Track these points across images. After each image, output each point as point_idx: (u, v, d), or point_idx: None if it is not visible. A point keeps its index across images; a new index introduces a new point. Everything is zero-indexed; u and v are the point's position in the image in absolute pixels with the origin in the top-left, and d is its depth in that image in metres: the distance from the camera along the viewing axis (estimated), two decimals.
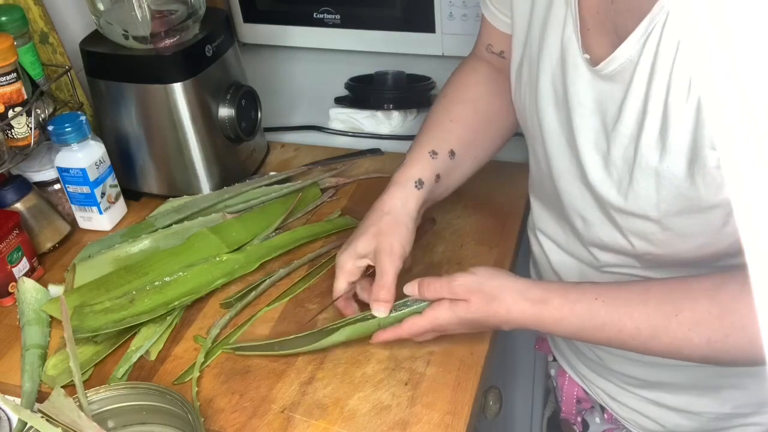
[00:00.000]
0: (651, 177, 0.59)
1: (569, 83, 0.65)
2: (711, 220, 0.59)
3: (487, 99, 0.83)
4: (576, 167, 0.68)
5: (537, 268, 0.85)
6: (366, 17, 1.17)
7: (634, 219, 0.63)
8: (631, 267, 0.70)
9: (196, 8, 0.93)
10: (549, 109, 0.69)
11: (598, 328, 0.62)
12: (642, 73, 0.57)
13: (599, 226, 0.68)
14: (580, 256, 0.75)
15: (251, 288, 0.84)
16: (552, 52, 0.67)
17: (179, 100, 0.93)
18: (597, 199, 0.66)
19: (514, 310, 0.65)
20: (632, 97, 0.59)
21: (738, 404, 0.73)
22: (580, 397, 0.89)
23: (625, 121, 0.60)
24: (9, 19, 0.89)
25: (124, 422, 0.71)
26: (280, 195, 0.98)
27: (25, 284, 0.85)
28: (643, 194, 0.60)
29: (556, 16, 0.66)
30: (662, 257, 0.65)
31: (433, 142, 0.79)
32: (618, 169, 0.62)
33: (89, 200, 0.94)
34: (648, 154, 0.59)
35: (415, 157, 0.78)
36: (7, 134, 0.88)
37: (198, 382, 0.75)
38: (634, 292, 0.63)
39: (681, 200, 0.59)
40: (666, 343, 0.60)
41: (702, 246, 0.62)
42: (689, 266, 0.66)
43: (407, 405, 0.70)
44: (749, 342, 0.57)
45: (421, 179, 0.77)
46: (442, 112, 0.82)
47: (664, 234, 0.62)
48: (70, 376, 0.76)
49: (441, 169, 0.79)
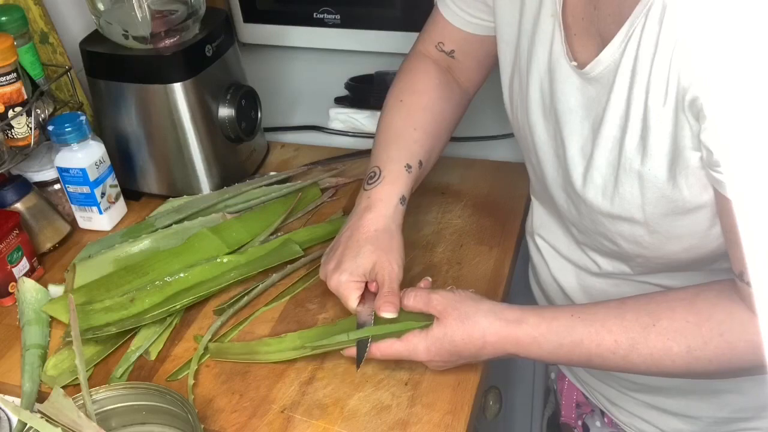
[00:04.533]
0: (635, 180, 0.60)
1: (559, 92, 0.65)
2: (697, 221, 0.59)
3: (441, 105, 0.83)
4: (563, 175, 0.68)
5: (536, 275, 0.84)
6: (366, 17, 1.17)
7: (621, 223, 0.63)
8: (625, 276, 0.70)
9: (196, 8, 0.93)
10: (539, 120, 0.70)
11: (576, 344, 0.62)
12: (623, 76, 0.58)
13: (590, 232, 0.68)
14: (578, 262, 0.75)
15: (244, 294, 0.84)
16: (540, 63, 0.67)
17: (179, 100, 0.93)
18: (585, 204, 0.66)
19: (488, 332, 0.64)
20: (615, 100, 0.59)
21: (737, 408, 0.73)
22: (579, 401, 0.89)
23: (608, 124, 0.61)
24: (9, 19, 0.89)
25: (124, 422, 0.71)
26: (280, 195, 0.98)
27: (25, 284, 0.85)
28: (628, 197, 0.61)
29: (543, 29, 0.66)
30: (653, 260, 0.65)
31: (405, 155, 0.79)
32: (603, 173, 0.63)
33: (89, 200, 0.94)
34: (631, 156, 0.59)
35: (394, 172, 0.77)
36: (7, 134, 0.88)
37: (198, 382, 0.75)
38: (610, 307, 0.62)
39: (665, 202, 0.59)
40: (646, 355, 0.60)
41: (690, 248, 0.62)
42: (682, 269, 0.66)
43: (407, 405, 0.70)
44: (729, 347, 0.57)
45: (404, 196, 0.77)
46: (406, 120, 0.82)
47: (652, 237, 0.62)
48: (70, 376, 0.76)
49: (414, 181, 0.79)
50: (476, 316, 0.65)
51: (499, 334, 0.64)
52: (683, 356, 0.59)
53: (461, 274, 0.85)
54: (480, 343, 0.65)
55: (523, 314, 0.65)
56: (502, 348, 0.65)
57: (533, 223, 0.82)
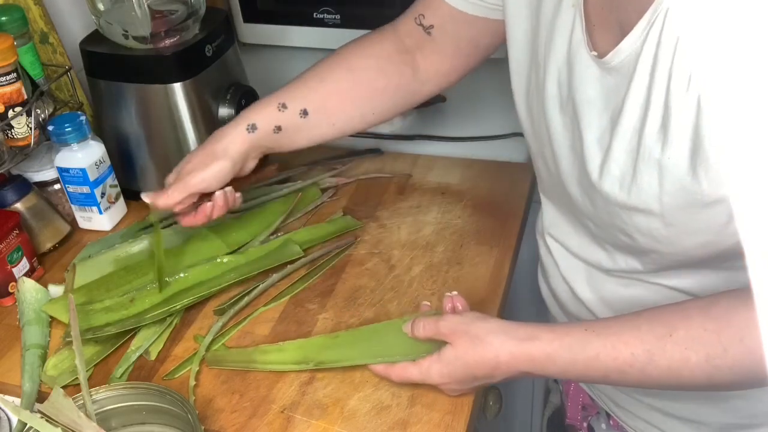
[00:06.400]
0: (654, 169, 0.59)
1: (577, 82, 0.65)
2: (714, 216, 0.58)
3: (373, 74, 0.82)
4: (578, 167, 0.68)
5: (546, 275, 0.83)
6: (366, 17, 1.17)
7: (637, 215, 0.62)
8: (637, 274, 0.70)
9: (196, 8, 0.93)
10: (555, 113, 0.69)
11: (591, 359, 0.61)
12: (644, 64, 0.57)
13: (607, 225, 0.68)
14: (589, 258, 0.74)
15: (244, 294, 0.84)
16: (559, 54, 0.66)
17: (179, 100, 0.93)
18: (601, 196, 0.65)
19: (501, 352, 0.63)
20: (635, 89, 0.59)
21: (745, 414, 0.72)
22: (585, 403, 0.88)
23: (628, 113, 0.60)
24: (9, 19, 0.89)
25: (124, 422, 0.71)
26: (280, 195, 0.98)
27: (25, 284, 0.85)
28: (646, 188, 0.60)
29: (564, 20, 0.65)
30: (668, 256, 0.64)
31: (288, 95, 0.81)
32: (620, 164, 0.62)
33: (89, 200, 0.94)
34: (651, 145, 0.58)
35: (263, 103, 0.81)
36: (7, 134, 0.88)
37: (198, 382, 0.75)
38: (624, 319, 0.61)
39: (683, 194, 0.58)
40: (664, 367, 0.58)
41: (706, 244, 0.61)
42: (695, 267, 0.65)
43: (407, 405, 0.70)
44: (749, 353, 0.56)
45: (254, 125, 0.79)
46: (317, 71, 0.82)
47: (668, 230, 0.61)
48: (70, 376, 0.76)
49: (284, 123, 0.80)
50: (487, 336, 0.64)
51: (512, 353, 0.63)
52: (702, 366, 0.57)
53: (461, 274, 0.85)
54: (493, 363, 0.64)
55: (535, 331, 0.63)
56: (515, 367, 0.64)
57: (543, 222, 0.81)
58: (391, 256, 0.88)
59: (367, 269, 0.87)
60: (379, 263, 0.88)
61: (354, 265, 0.88)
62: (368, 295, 0.83)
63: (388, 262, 0.88)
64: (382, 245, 0.90)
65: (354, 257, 0.89)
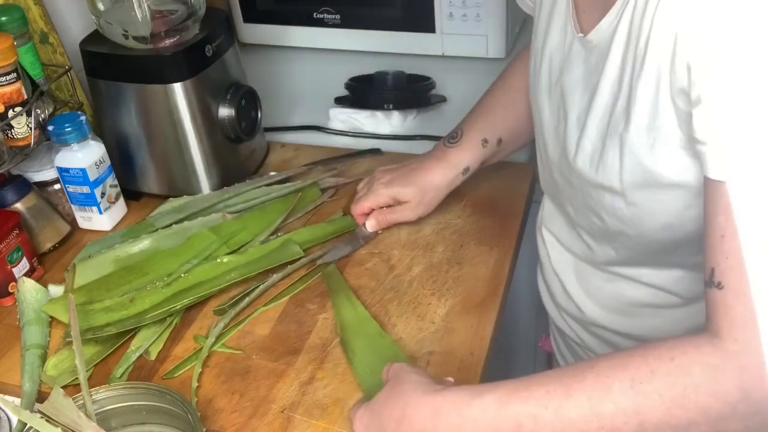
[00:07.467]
0: (616, 144, 0.60)
1: (566, 65, 0.67)
2: (672, 199, 0.59)
3: None
4: (560, 150, 0.69)
5: (542, 269, 0.85)
6: (366, 17, 1.17)
7: (604, 193, 0.64)
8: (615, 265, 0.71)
9: (196, 8, 0.93)
10: (544, 98, 0.71)
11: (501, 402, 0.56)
12: (619, 41, 0.59)
13: (582, 207, 0.69)
14: (576, 249, 0.76)
15: (245, 294, 0.84)
16: (553, 40, 0.69)
17: (179, 100, 0.93)
18: (575, 174, 0.67)
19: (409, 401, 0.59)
20: (610, 67, 0.60)
21: None
22: None
23: (602, 91, 0.61)
24: (9, 19, 0.89)
25: (124, 422, 0.71)
26: (280, 195, 0.98)
27: (25, 284, 0.85)
28: (609, 164, 0.61)
29: (559, 9, 0.68)
30: (635, 239, 0.66)
31: (487, 129, 0.87)
32: (592, 140, 0.63)
33: (89, 200, 0.94)
34: (617, 121, 0.60)
35: (471, 141, 0.87)
36: (7, 134, 0.88)
37: (198, 383, 0.75)
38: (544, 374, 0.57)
39: (640, 171, 0.59)
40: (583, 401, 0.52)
41: (666, 227, 0.62)
42: (665, 257, 0.66)
43: None
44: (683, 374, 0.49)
45: (469, 168, 0.88)
46: (497, 97, 0.89)
47: (630, 209, 0.63)
48: (70, 376, 0.76)
49: (486, 156, 0.88)
50: (404, 384, 0.60)
51: (418, 402, 0.58)
52: (627, 392, 0.50)
53: (461, 274, 0.85)
54: (399, 414, 0.59)
55: (452, 388, 0.59)
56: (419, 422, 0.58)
57: (542, 216, 0.83)
58: (391, 256, 0.88)
59: (367, 269, 0.87)
60: (379, 263, 0.88)
61: (354, 265, 0.88)
62: (368, 295, 0.83)
63: (388, 262, 0.88)
64: (382, 245, 0.90)
65: (354, 257, 0.89)
